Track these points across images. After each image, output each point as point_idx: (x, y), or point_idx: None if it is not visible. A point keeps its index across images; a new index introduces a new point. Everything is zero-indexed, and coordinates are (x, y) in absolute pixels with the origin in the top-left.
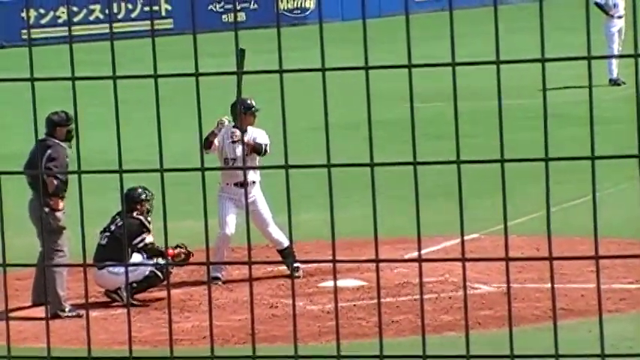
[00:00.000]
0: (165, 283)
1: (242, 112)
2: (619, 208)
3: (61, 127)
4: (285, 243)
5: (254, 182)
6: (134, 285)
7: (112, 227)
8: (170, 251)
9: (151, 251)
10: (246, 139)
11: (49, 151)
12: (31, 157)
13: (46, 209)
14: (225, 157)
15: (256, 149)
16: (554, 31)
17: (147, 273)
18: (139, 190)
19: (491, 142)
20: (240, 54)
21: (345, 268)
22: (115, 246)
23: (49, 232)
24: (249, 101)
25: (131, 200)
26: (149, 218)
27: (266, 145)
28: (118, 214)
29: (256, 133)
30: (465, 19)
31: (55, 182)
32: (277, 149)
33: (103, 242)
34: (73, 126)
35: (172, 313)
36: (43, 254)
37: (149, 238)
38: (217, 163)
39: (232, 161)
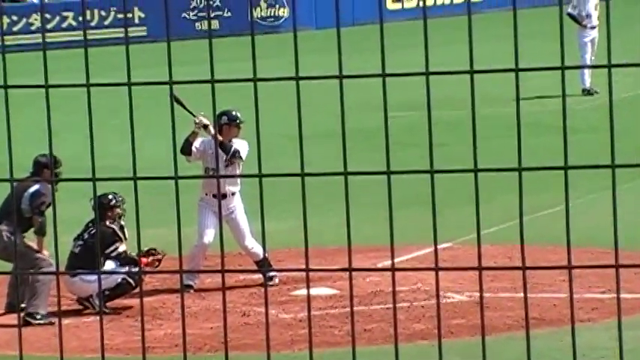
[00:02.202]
0: (137, 290)
1: (226, 124)
2: (591, 217)
3: (47, 169)
4: (261, 255)
5: (233, 193)
6: (106, 292)
7: (85, 235)
8: (143, 260)
9: (124, 260)
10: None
11: (37, 187)
12: (10, 196)
13: (8, 234)
14: (205, 166)
15: (224, 146)
16: (528, 40)
17: (119, 280)
18: (110, 197)
19: (465, 151)
20: (176, 101)
21: (317, 277)
22: (88, 254)
23: (21, 255)
24: (234, 112)
25: (102, 207)
26: (123, 222)
27: (237, 151)
28: (92, 221)
29: (238, 144)
30: (439, 28)
31: (40, 220)
32: (251, 158)
33: (76, 250)
34: (60, 169)
35: (145, 321)
36: (14, 262)
37: (122, 247)
38: (199, 172)
39: (212, 171)
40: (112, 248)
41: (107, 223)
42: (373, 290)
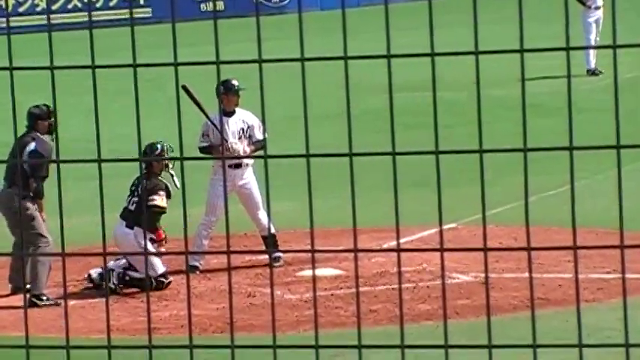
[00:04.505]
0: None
1: (224, 94)
2: (596, 198)
3: (42, 120)
4: (271, 229)
5: (247, 165)
6: (127, 278)
7: (139, 191)
8: (161, 233)
9: (153, 215)
10: (237, 125)
11: (33, 146)
12: (13, 149)
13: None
14: (218, 142)
15: (258, 149)
16: (532, 22)
17: (153, 275)
18: (158, 146)
19: (469, 132)
20: (186, 92)
21: (323, 258)
22: (142, 213)
23: (25, 221)
24: (233, 81)
25: (150, 155)
26: (172, 172)
27: (264, 140)
28: (138, 178)
29: (244, 115)
30: (444, 8)
31: (35, 184)
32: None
33: (132, 208)
34: (54, 119)
35: (150, 302)
36: (18, 244)
37: (159, 201)
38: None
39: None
40: (150, 197)
41: (159, 177)
42: (378, 271)
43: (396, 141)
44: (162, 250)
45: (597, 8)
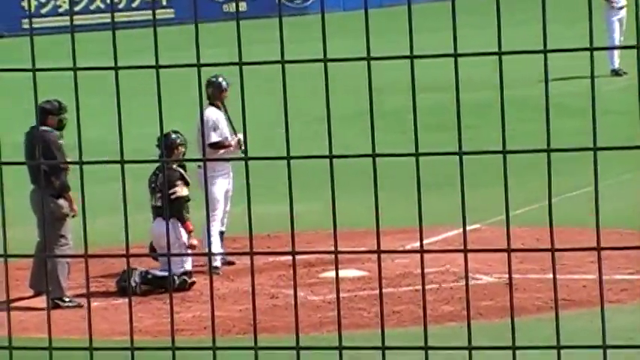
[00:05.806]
0: (166, 273)
1: (225, 89)
2: (620, 199)
3: (53, 115)
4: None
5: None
6: (149, 277)
7: (160, 186)
8: (189, 224)
9: (178, 207)
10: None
11: (45, 144)
12: (29, 148)
13: (53, 199)
14: (225, 136)
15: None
16: (555, 23)
17: (178, 273)
18: (173, 136)
19: (492, 133)
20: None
21: (346, 259)
22: (170, 205)
23: (52, 220)
24: (220, 79)
25: (167, 147)
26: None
27: None
28: (155, 175)
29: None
30: (467, 9)
31: (58, 182)
32: (280, 140)
33: (159, 203)
34: (65, 115)
35: (173, 304)
36: (41, 243)
37: (184, 192)
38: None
39: (226, 140)
40: (171, 191)
41: (174, 166)
42: (402, 272)
43: (420, 142)
44: (194, 242)
45: (621, 8)
